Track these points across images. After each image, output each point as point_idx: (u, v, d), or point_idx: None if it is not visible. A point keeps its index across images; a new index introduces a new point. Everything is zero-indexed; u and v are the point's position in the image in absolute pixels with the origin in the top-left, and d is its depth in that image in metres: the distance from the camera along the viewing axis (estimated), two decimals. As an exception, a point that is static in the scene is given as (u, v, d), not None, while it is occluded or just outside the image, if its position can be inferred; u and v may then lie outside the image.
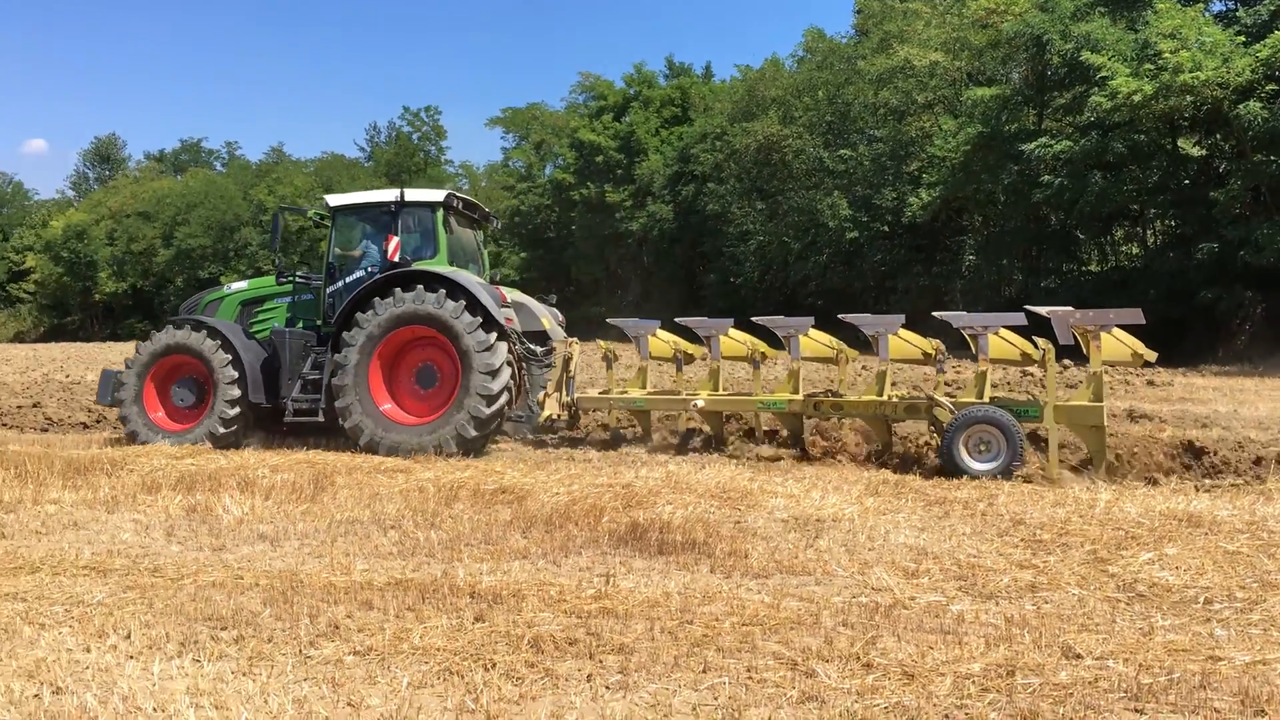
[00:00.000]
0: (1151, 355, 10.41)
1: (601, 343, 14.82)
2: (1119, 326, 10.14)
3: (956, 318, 11.06)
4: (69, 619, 5.16)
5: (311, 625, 5.01)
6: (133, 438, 12.96)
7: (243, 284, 14.50)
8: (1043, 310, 10.34)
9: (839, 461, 11.12)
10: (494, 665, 4.42)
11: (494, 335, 12.01)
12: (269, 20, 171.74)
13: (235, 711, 3.89)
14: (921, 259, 38.92)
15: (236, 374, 12.74)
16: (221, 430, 12.68)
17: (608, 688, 4.17)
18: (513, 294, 13.79)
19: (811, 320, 12.14)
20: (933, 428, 10.91)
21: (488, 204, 68.62)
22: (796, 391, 11.61)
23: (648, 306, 54.38)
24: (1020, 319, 10.62)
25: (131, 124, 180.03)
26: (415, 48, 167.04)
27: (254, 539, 7.29)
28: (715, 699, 4.04)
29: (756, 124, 44.66)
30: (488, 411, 11.82)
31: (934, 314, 11.61)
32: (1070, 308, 10.32)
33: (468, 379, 11.93)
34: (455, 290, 12.16)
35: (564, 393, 13.22)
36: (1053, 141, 29.50)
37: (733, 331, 12.53)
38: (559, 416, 13.23)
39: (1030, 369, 13.55)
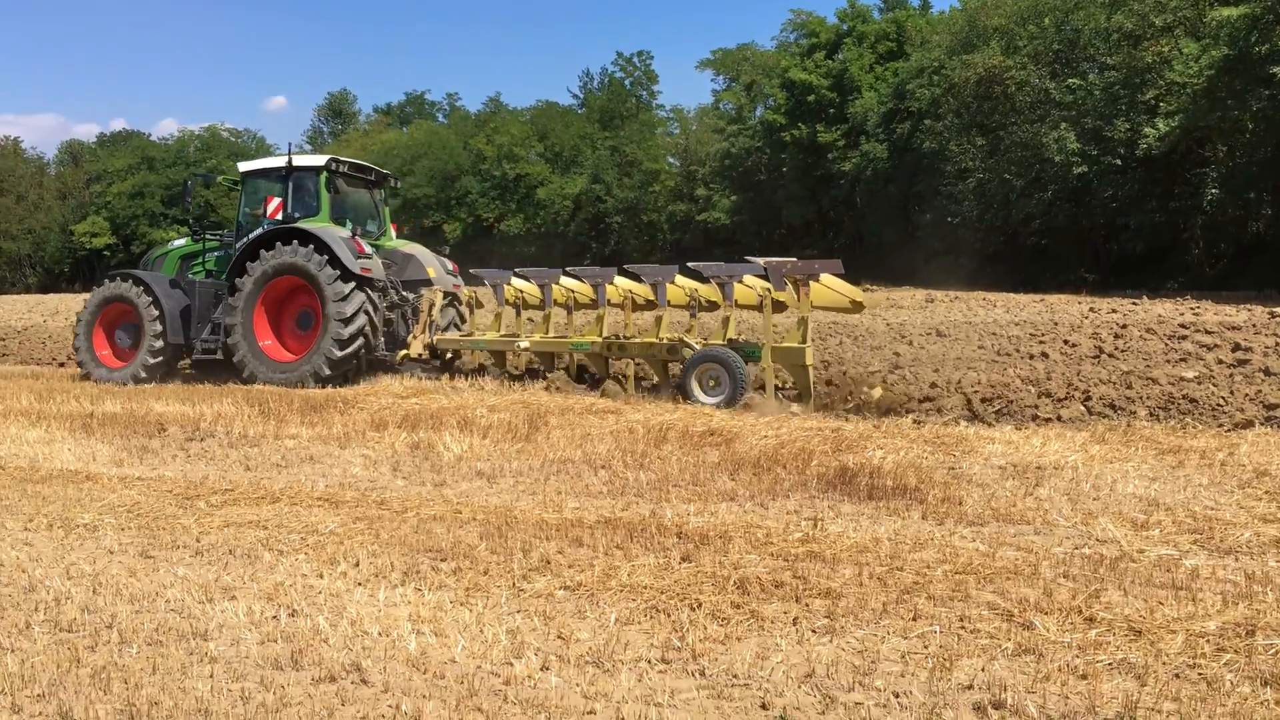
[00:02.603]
0: (872, 303, 12.10)
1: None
2: (834, 275, 11.45)
3: (707, 267, 12.44)
4: (304, 546, 5.49)
5: (524, 560, 5.16)
6: (86, 374, 15.53)
7: (181, 241, 16.88)
8: (761, 261, 11.85)
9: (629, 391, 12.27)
10: (700, 605, 4.43)
11: (350, 286, 13.77)
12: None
13: (453, 639, 4.04)
14: (1157, 194, 36.40)
15: (159, 320, 15.03)
16: (149, 365, 15.07)
17: (814, 631, 4.12)
18: (408, 246, 15.99)
19: (614, 271, 13.59)
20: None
21: (697, 147, 68.64)
22: (601, 335, 13.07)
23: (859, 250, 53.39)
24: (759, 269, 11.94)
25: (362, 79, 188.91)
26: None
27: (472, 475, 7.57)
28: (925, 647, 3.93)
29: (977, 56, 42.63)
30: (339, 354, 13.77)
31: (688, 264, 13.04)
32: (792, 259, 11.79)
33: (326, 324, 13.84)
34: (321, 246, 13.87)
35: (427, 334, 14.59)
36: (1311, 62, 26.97)
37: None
38: (420, 355, 14.54)
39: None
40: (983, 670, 3.67)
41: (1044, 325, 16.16)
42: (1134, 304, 20.60)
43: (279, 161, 15.53)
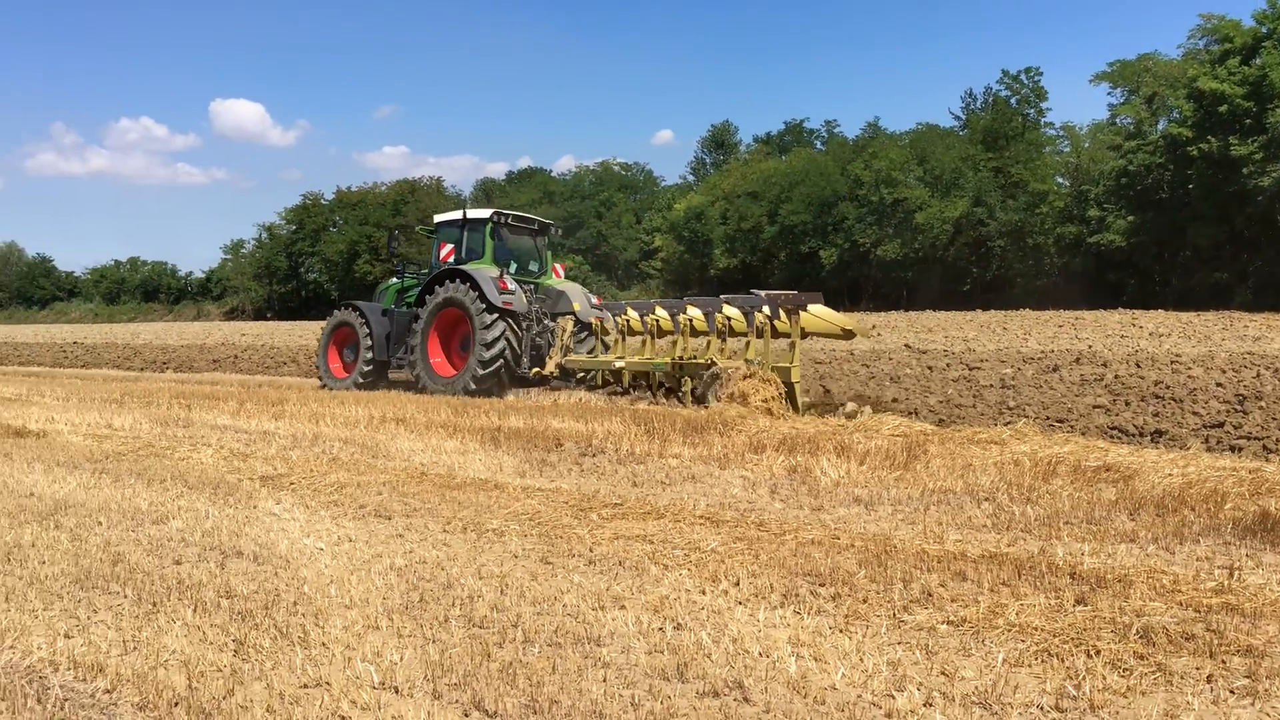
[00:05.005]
0: (865, 331, 14.78)
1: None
2: (821, 305, 13.53)
3: (734, 299, 14.48)
4: (687, 563, 5.67)
5: (905, 590, 5.05)
6: (323, 385, 19.62)
7: (396, 280, 20.74)
8: (762, 293, 13.96)
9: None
10: (1098, 652, 4.14)
11: (493, 316, 16.73)
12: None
13: (832, 665, 4.03)
14: None
15: (371, 340, 18.92)
16: (364, 373, 19.04)
17: (1232, 692, 3.73)
18: (562, 284, 18.95)
19: (685, 301, 15.68)
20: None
21: (1090, 165, 64.61)
22: (674, 357, 15.06)
23: (1282, 271, 48.02)
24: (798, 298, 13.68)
25: (743, 110, 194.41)
26: (1015, 7, 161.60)
27: (849, 501, 7.52)
28: (1372, 724, 3.45)
29: None
30: (482, 371, 16.74)
31: (721, 297, 14.97)
32: (792, 291, 13.80)
33: (475, 347, 16.82)
34: (473, 283, 16.89)
35: (560, 355, 17.21)
36: None
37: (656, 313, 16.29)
38: (552, 373, 17.11)
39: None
40: None
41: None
42: None
43: (457, 214, 19.24)
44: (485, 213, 18.67)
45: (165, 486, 8.13)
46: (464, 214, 18.99)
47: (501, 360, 16.84)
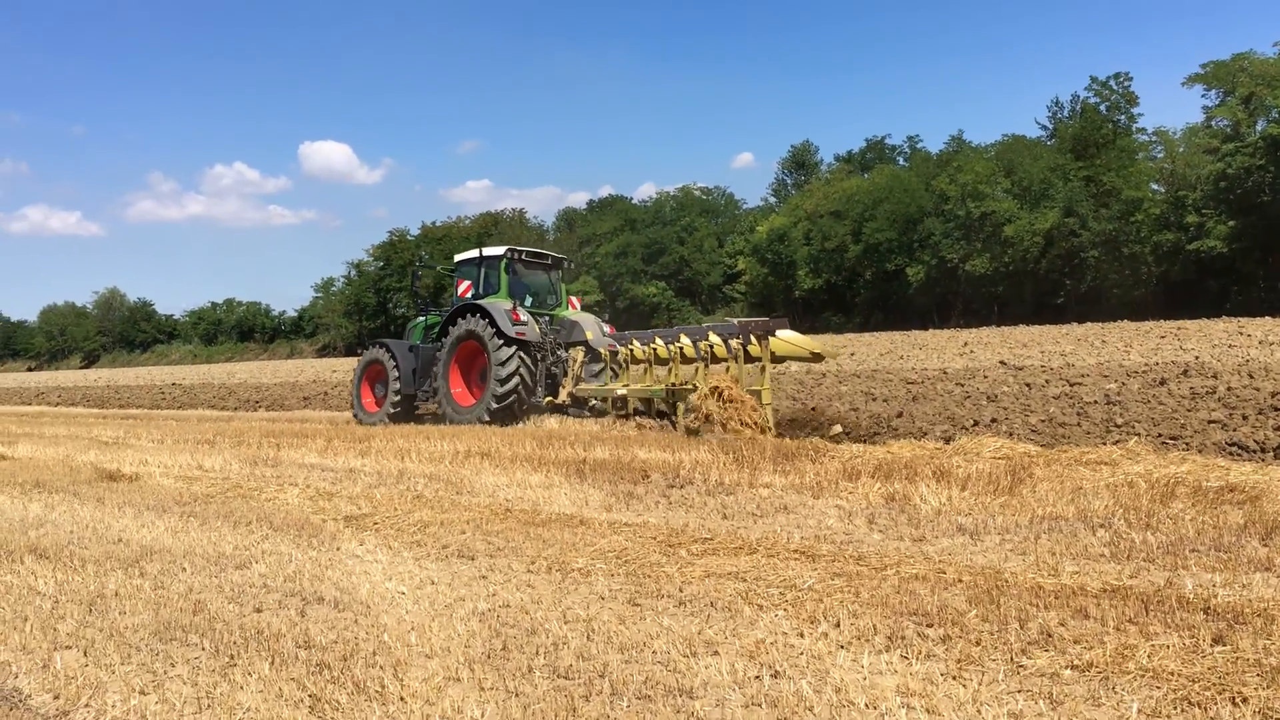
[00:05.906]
0: (833, 353, 15.33)
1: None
2: (789, 330, 14.22)
3: (715, 327, 15.38)
4: (783, 602, 5.35)
5: (1021, 631, 4.67)
6: (356, 419, 20.51)
7: (423, 318, 21.60)
8: (736, 321, 14.85)
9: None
10: (1244, 699, 3.74)
11: (508, 348, 17.47)
12: (942, 6, 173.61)
13: (947, 718, 3.69)
14: None
15: (399, 375, 19.69)
16: (394, 403, 19.66)
17: (1406, 748, 3.31)
18: (576, 315, 19.61)
19: (680, 330, 16.17)
20: None
21: (1186, 170, 62.90)
22: (669, 384, 15.71)
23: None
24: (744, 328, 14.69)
25: (822, 130, 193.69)
26: (1100, 12, 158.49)
27: (953, 531, 7.12)
28: None
29: None
30: (498, 399, 17.41)
31: (704, 325, 15.90)
32: (762, 319, 14.71)
33: (492, 377, 17.55)
34: (488, 316, 17.75)
35: (572, 384, 17.86)
36: None
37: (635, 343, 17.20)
38: (565, 401, 17.87)
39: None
40: None
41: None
42: None
43: (475, 253, 20.37)
44: (500, 250, 19.68)
45: (250, 529, 8.05)
46: (480, 252, 20.19)
47: (516, 388, 17.54)
